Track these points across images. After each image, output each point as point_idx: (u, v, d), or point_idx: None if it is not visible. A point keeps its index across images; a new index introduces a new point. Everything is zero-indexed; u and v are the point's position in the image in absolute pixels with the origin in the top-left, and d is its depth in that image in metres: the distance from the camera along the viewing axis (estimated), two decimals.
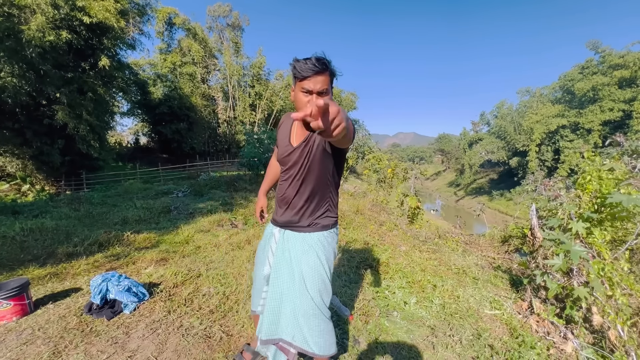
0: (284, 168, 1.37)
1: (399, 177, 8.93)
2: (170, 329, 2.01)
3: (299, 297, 1.32)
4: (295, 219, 1.37)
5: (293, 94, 1.23)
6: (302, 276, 1.33)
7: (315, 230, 1.37)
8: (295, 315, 1.32)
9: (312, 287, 1.33)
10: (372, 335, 2.07)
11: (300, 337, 1.32)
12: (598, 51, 28.85)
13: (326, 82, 1.17)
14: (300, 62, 1.14)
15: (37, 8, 10.49)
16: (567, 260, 2.06)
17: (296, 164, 1.30)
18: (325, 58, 1.17)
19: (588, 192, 2.54)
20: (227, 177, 12.61)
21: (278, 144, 1.41)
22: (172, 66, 24.64)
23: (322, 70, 1.14)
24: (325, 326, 1.35)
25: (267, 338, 1.37)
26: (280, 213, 1.41)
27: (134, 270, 3.01)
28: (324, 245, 1.38)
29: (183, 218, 5.68)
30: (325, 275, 1.36)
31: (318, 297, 1.34)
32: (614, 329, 1.93)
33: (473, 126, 50.27)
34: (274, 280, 1.37)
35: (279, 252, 1.39)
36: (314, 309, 1.32)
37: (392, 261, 3.45)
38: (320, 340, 1.31)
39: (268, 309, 1.37)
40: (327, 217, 1.40)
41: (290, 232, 1.39)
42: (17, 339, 1.88)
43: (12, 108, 11.97)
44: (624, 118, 25.29)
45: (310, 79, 1.14)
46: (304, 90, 1.16)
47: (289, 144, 1.33)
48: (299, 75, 1.15)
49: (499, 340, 2.11)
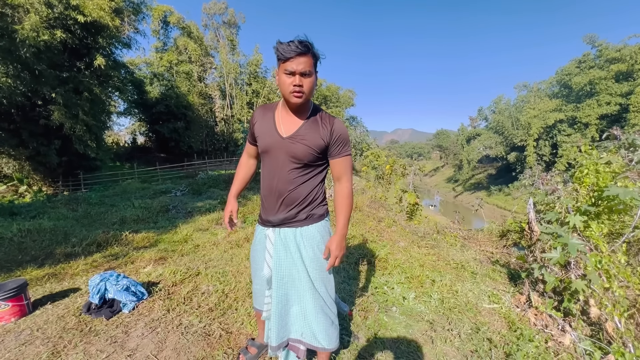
0: (272, 162, 1.32)
1: (397, 173, 8.94)
2: (169, 328, 2.01)
3: (306, 294, 1.32)
4: (291, 214, 1.33)
5: (277, 77, 1.23)
6: (306, 272, 1.32)
7: (313, 222, 1.36)
8: (304, 314, 1.33)
9: (318, 281, 1.34)
10: (371, 331, 2.08)
11: (309, 334, 1.32)
12: (595, 45, 28.88)
13: (309, 64, 1.16)
14: (283, 45, 1.14)
15: (31, 7, 10.38)
16: (564, 253, 2.07)
17: (287, 153, 1.27)
18: (308, 40, 1.16)
19: (585, 186, 2.54)
20: (225, 176, 12.59)
21: (259, 135, 1.34)
22: (169, 65, 24.50)
23: (304, 51, 1.13)
24: (333, 319, 1.38)
25: (278, 344, 1.34)
26: (274, 212, 1.35)
27: (133, 270, 3.01)
28: (323, 235, 1.37)
29: (181, 217, 5.68)
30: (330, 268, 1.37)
31: (324, 290, 1.35)
32: (611, 320, 1.94)
33: (471, 122, 50.28)
34: (277, 282, 1.34)
35: (279, 252, 1.35)
36: (321, 303, 1.34)
37: (391, 257, 3.46)
38: (329, 334, 1.33)
39: (275, 313, 1.33)
40: (321, 206, 1.39)
41: (288, 230, 1.35)
42: (15, 339, 1.87)
43: (7, 109, 11.87)
44: (621, 112, 25.36)
45: (293, 60, 1.13)
46: (287, 72, 1.16)
47: (277, 135, 1.28)
48: (281, 57, 1.15)
49: (498, 333, 2.12)
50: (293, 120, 1.29)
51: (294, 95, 1.19)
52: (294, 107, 1.26)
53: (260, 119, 1.36)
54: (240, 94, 30.13)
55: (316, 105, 1.35)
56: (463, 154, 41.81)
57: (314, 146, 1.26)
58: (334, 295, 1.40)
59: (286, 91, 1.19)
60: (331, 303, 1.38)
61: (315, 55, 1.19)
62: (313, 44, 1.17)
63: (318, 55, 1.21)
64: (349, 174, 1.36)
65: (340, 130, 1.29)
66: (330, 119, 1.30)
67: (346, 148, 1.32)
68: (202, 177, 12.53)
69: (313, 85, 1.22)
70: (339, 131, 1.29)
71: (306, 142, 1.25)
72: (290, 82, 1.17)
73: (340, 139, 1.30)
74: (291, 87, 1.17)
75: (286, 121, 1.30)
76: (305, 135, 1.26)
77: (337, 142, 1.29)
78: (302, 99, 1.20)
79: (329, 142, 1.28)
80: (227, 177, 11.85)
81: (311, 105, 1.32)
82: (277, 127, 1.30)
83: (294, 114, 1.29)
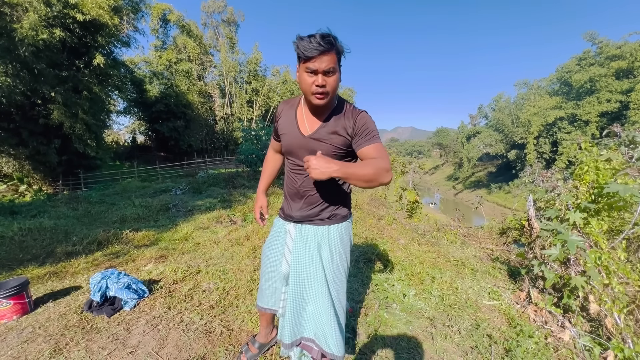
0: (295, 160, 1.28)
1: (398, 171, 8.95)
2: (170, 325, 2.02)
3: (322, 295, 1.27)
4: (314, 212, 1.30)
5: (298, 74, 1.14)
6: (324, 272, 1.28)
7: (336, 222, 1.32)
8: (318, 314, 1.27)
9: (331, 283, 1.29)
10: (372, 328, 2.09)
11: (322, 336, 1.26)
12: (595, 42, 28.83)
13: (333, 61, 1.06)
14: (304, 41, 1.04)
15: (30, 6, 10.35)
16: (564, 250, 2.08)
17: (310, 153, 1.19)
18: (332, 35, 1.06)
19: (585, 183, 2.55)
20: (225, 174, 12.59)
21: (282, 135, 1.30)
22: (168, 63, 24.47)
23: (327, 49, 1.03)
24: (343, 325, 1.33)
25: (291, 341, 1.31)
26: (297, 208, 1.32)
27: (134, 268, 3.01)
28: (342, 237, 1.34)
29: (182, 215, 5.68)
30: (344, 271, 1.33)
31: (336, 294, 1.30)
32: (611, 316, 1.95)
33: (471, 119, 50.27)
34: (294, 279, 1.30)
35: (299, 249, 1.30)
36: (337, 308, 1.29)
37: (391, 254, 3.47)
38: (339, 340, 1.27)
39: (290, 310, 1.29)
40: (344, 207, 1.36)
41: (309, 227, 1.31)
42: (17, 337, 1.88)
43: (6, 108, 11.87)
44: (621, 109, 25.34)
45: (315, 59, 1.04)
46: (309, 71, 1.07)
47: (299, 133, 1.23)
48: (302, 56, 1.05)
49: (498, 330, 2.13)
50: (315, 116, 1.22)
51: (316, 97, 1.10)
52: (316, 107, 1.17)
53: (283, 115, 1.31)
54: (239, 93, 30.09)
55: (341, 99, 1.25)
56: (463, 151, 41.85)
57: (337, 145, 1.19)
58: (344, 302, 1.35)
59: (308, 91, 1.10)
60: (341, 308, 1.32)
61: (339, 51, 1.08)
62: (337, 38, 1.07)
63: (342, 50, 1.10)
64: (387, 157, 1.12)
65: (364, 121, 1.18)
66: (354, 112, 1.20)
67: (375, 136, 1.18)
68: (202, 176, 12.53)
69: (337, 83, 1.12)
70: (363, 122, 1.17)
71: (329, 141, 1.19)
72: (312, 81, 1.08)
73: (366, 128, 1.17)
74: (313, 88, 1.08)
75: (308, 118, 1.23)
76: (328, 134, 1.19)
77: (363, 132, 1.17)
78: (325, 100, 1.12)
79: (353, 135, 1.18)
80: (227, 176, 11.85)
81: (336, 100, 1.22)
82: (299, 124, 1.24)
83: (317, 111, 1.21)
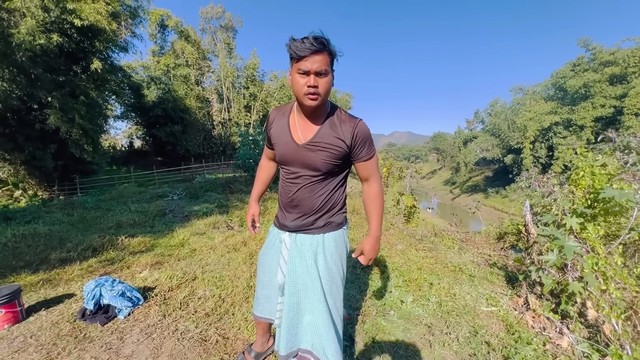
0: (289, 168, 1.27)
1: (395, 176, 8.97)
2: (165, 333, 1.99)
3: (319, 305, 1.25)
4: (308, 222, 1.29)
5: (290, 77, 1.14)
6: (320, 281, 1.26)
7: (331, 230, 1.31)
8: (315, 325, 1.25)
9: (330, 294, 1.28)
10: (369, 335, 2.07)
11: (319, 346, 1.24)
12: (589, 48, 29.24)
13: (325, 62, 1.06)
14: (297, 42, 1.05)
15: (27, 11, 10.36)
16: (561, 255, 2.08)
17: (305, 163, 1.21)
18: (324, 36, 1.07)
19: (581, 188, 2.56)
20: (223, 179, 12.57)
21: (275, 142, 1.28)
22: (166, 68, 24.55)
23: (320, 49, 1.04)
24: (341, 334, 1.31)
25: (287, 353, 1.28)
26: (291, 218, 1.31)
27: (129, 275, 2.98)
28: (338, 245, 1.33)
29: (178, 221, 5.64)
30: (341, 279, 1.32)
31: (332, 303, 1.29)
32: (609, 322, 1.94)
33: (467, 124, 50.63)
34: (289, 290, 1.28)
35: (294, 259, 1.29)
36: (334, 317, 1.28)
37: (389, 260, 3.45)
38: (337, 351, 1.25)
39: (286, 322, 1.27)
40: (340, 214, 1.35)
41: (304, 236, 1.30)
42: (8, 347, 1.84)
43: (2, 113, 11.82)
44: (616, 114, 25.64)
45: (308, 59, 1.04)
46: (301, 72, 1.07)
47: (292, 142, 1.21)
48: (295, 56, 1.05)
49: (496, 336, 2.11)
50: (309, 124, 1.20)
51: (309, 97, 1.09)
52: (309, 110, 1.16)
53: (275, 123, 1.29)
54: (237, 98, 30.17)
55: (334, 105, 1.24)
56: (460, 156, 42.06)
57: (333, 153, 1.18)
58: (342, 311, 1.33)
59: (300, 92, 1.10)
60: (338, 317, 1.30)
61: (331, 53, 1.09)
62: (329, 40, 1.08)
63: (335, 52, 1.11)
64: (377, 174, 1.29)
65: (362, 131, 1.19)
66: (350, 121, 1.20)
67: (371, 149, 1.24)
68: (199, 181, 12.49)
69: (329, 86, 1.12)
70: (361, 133, 1.19)
71: (324, 150, 1.18)
72: (304, 82, 1.07)
73: (364, 141, 1.21)
74: (305, 88, 1.08)
75: (302, 125, 1.21)
76: (322, 142, 1.18)
77: (361, 144, 1.20)
78: (317, 102, 1.11)
79: (351, 146, 1.19)
80: (224, 181, 11.83)
81: (328, 107, 1.22)
82: (292, 132, 1.22)
83: (310, 117, 1.20)
